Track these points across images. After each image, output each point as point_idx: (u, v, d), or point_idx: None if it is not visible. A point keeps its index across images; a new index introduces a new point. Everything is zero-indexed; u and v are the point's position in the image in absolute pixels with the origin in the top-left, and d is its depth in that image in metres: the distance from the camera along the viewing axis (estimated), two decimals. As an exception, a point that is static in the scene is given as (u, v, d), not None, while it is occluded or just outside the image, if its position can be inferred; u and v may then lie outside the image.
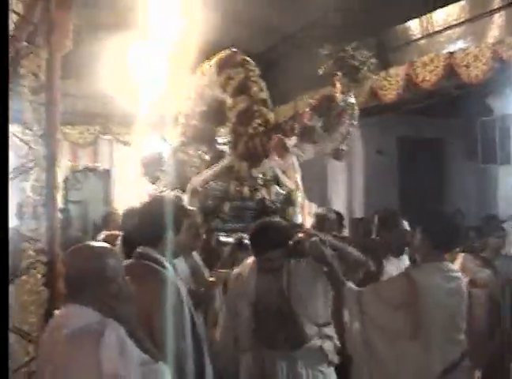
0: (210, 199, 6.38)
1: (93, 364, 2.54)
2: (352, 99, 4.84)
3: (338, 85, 4.79)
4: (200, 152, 7.27)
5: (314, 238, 4.15)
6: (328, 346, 4.25)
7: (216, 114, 7.24)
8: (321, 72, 5.07)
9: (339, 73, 4.81)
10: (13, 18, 4.25)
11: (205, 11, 8.21)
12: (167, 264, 3.46)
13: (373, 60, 5.00)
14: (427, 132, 12.09)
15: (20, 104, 3.99)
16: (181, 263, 4.34)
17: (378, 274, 5.09)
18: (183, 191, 6.66)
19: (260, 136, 6.09)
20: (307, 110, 5.20)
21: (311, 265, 4.22)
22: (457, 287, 3.85)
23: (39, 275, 3.83)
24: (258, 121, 6.43)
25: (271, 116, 6.96)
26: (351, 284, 4.07)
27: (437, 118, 11.57)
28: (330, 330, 4.30)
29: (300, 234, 4.29)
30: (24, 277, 4.00)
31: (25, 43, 4.07)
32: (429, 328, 3.71)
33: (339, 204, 11.31)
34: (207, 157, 7.21)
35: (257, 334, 4.25)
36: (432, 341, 3.71)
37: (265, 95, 6.60)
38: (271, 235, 4.23)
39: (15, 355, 4.81)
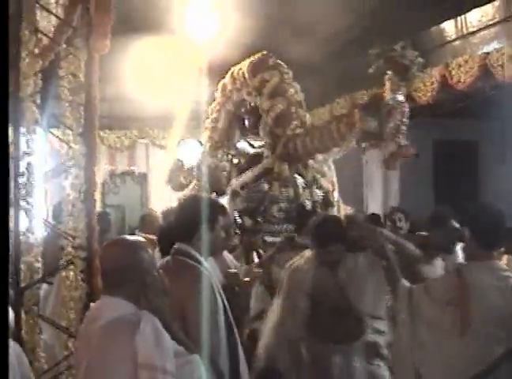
0: (251, 200, 6.45)
1: (128, 354, 2.58)
2: (402, 97, 4.87)
3: (388, 84, 4.83)
4: (229, 156, 7.36)
5: (375, 232, 4.23)
6: (381, 340, 4.35)
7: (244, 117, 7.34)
8: (371, 71, 5.11)
9: (389, 73, 4.85)
10: (53, 22, 4.40)
11: (239, 15, 8.32)
12: (202, 260, 3.52)
13: (420, 59, 5.04)
14: (462, 134, 12.00)
15: (59, 105, 4.10)
16: (211, 262, 4.41)
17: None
18: (217, 194, 6.75)
19: (300, 138, 6.11)
20: (357, 111, 5.21)
21: (369, 259, 4.32)
22: (507, 286, 3.80)
23: (78, 271, 3.91)
24: (296, 122, 6.47)
25: (307, 118, 7.02)
26: (404, 280, 4.09)
27: (472, 119, 11.48)
28: (383, 325, 4.37)
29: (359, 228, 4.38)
30: (63, 273, 4.10)
31: (64, 46, 4.19)
32: (477, 326, 3.68)
33: (375, 206, 11.29)
34: (235, 160, 7.29)
35: (313, 327, 4.32)
36: (480, 338, 3.68)
37: (300, 97, 6.65)
38: (333, 228, 4.38)
39: (52, 350, 4.94)
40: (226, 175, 7.05)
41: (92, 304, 3.10)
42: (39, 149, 4.26)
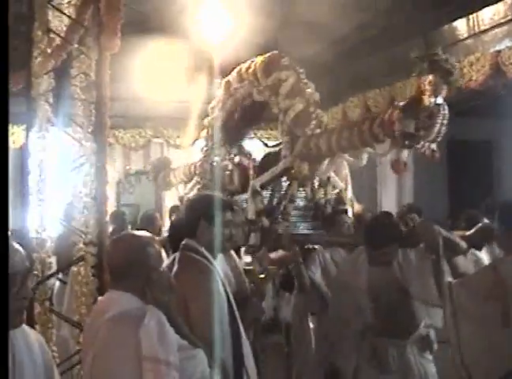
0: (271, 200, 6.51)
1: (133, 347, 2.64)
2: (441, 100, 4.94)
3: (428, 88, 4.89)
4: (232, 155, 7.41)
5: (431, 229, 4.25)
6: (432, 334, 4.51)
7: (250, 116, 7.38)
8: (414, 74, 5.18)
9: (431, 77, 4.92)
10: (65, 21, 4.47)
11: (251, 14, 8.37)
12: (208, 255, 3.57)
13: (457, 63, 5.14)
14: (476, 133, 11.97)
15: (71, 104, 4.18)
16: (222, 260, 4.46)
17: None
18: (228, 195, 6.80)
19: (322, 137, 6.13)
20: (394, 112, 5.23)
21: (420, 253, 4.39)
22: None
23: (89, 267, 3.98)
24: (314, 122, 6.50)
25: (325, 117, 7.05)
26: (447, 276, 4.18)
27: (486, 119, 11.45)
28: (437, 317, 4.43)
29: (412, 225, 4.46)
30: (75, 268, 4.18)
31: (76, 45, 4.27)
32: None
33: (389, 205, 11.29)
34: (237, 159, 7.34)
35: (370, 323, 4.44)
36: None
37: (317, 96, 6.67)
38: (388, 231, 4.47)
39: (65, 344, 5.03)
40: (228, 174, 7.10)
41: (99, 298, 3.15)
42: (52, 147, 4.35)
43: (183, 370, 2.76)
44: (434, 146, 5.14)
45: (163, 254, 5.61)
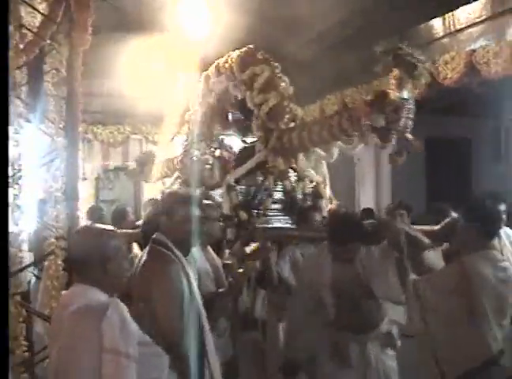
0: (246, 194, 6.52)
1: (95, 339, 2.69)
2: (407, 94, 4.96)
3: (394, 82, 4.90)
4: (212, 149, 7.42)
5: (393, 226, 4.35)
6: (395, 331, 4.54)
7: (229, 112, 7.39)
8: (377, 69, 5.18)
9: (395, 70, 4.92)
10: (38, 17, 4.49)
11: (231, 11, 8.39)
12: (174, 249, 3.60)
13: (423, 57, 5.13)
14: (454, 131, 12.07)
15: (44, 99, 4.20)
16: (200, 257, 4.49)
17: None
18: (206, 189, 6.82)
19: (295, 131, 6.16)
20: (361, 106, 5.25)
21: (382, 251, 4.42)
22: (506, 276, 3.95)
23: (60, 261, 4.01)
24: (288, 116, 6.52)
25: (300, 112, 7.07)
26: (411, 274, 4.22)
27: (464, 117, 11.56)
28: (400, 314, 4.48)
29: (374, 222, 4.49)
30: (46, 263, 4.20)
31: (49, 41, 4.28)
32: (481, 315, 3.84)
33: (367, 203, 11.37)
34: (217, 153, 7.35)
35: (334, 318, 4.46)
36: (485, 326, 3.85)
37: (291, 90, 6.69)
38: (351, 227, 4.48)
39: (39, 338, 5.04)
40: (209, 168, 7.10)
41: (63, 291, 3.19)
42: (24, 142, 4.36)
43: (144, 366, 2.81)
44: (410, 136, 5.16)
45: (135, 247, 5.66)
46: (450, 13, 7.97)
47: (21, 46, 4.31)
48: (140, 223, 5.97)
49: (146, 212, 6.26)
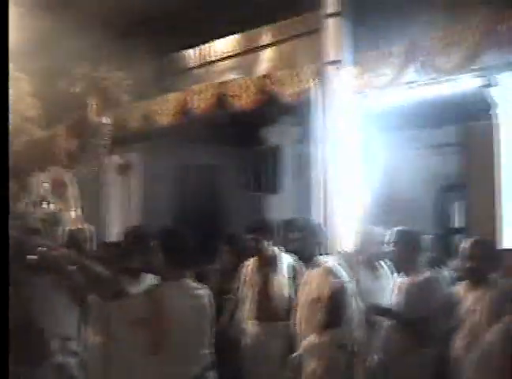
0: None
1: None
2: (105, 120, 4.87)
3: (93, 106, 4.77)
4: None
5: (55, 253, 4.09)
6: (72, 362, 4.29)
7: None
8: (77, 90, 5.01)
9: (92, 94, 4.79)
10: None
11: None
12: None
13: (128, 81, 5.05)
14: (204, 159, 12.35)
15: None
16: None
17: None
18: None
19: (24, 153, 5.91)
20: (63, 131, 5.11)
21: (53, 279, 4.23)
22: (199, 304, 3.95)
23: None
24: (27, 138, 6.29)
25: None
26: (94, 299, 4.10)
27: (214, 145, 11.88)
28: (76, 346, 4.31)
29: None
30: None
31: None
32: (171, 344, 3.76)
33: (115, 223, 11.29)
34: None
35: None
36: (175, 356, 3.78)
37: (32, 113, 6.45)
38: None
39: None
40: None
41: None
42: None
43: None
44: (120, 160, 5.16)
45: None
46: (206, 45, 8.23)
47: None
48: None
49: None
